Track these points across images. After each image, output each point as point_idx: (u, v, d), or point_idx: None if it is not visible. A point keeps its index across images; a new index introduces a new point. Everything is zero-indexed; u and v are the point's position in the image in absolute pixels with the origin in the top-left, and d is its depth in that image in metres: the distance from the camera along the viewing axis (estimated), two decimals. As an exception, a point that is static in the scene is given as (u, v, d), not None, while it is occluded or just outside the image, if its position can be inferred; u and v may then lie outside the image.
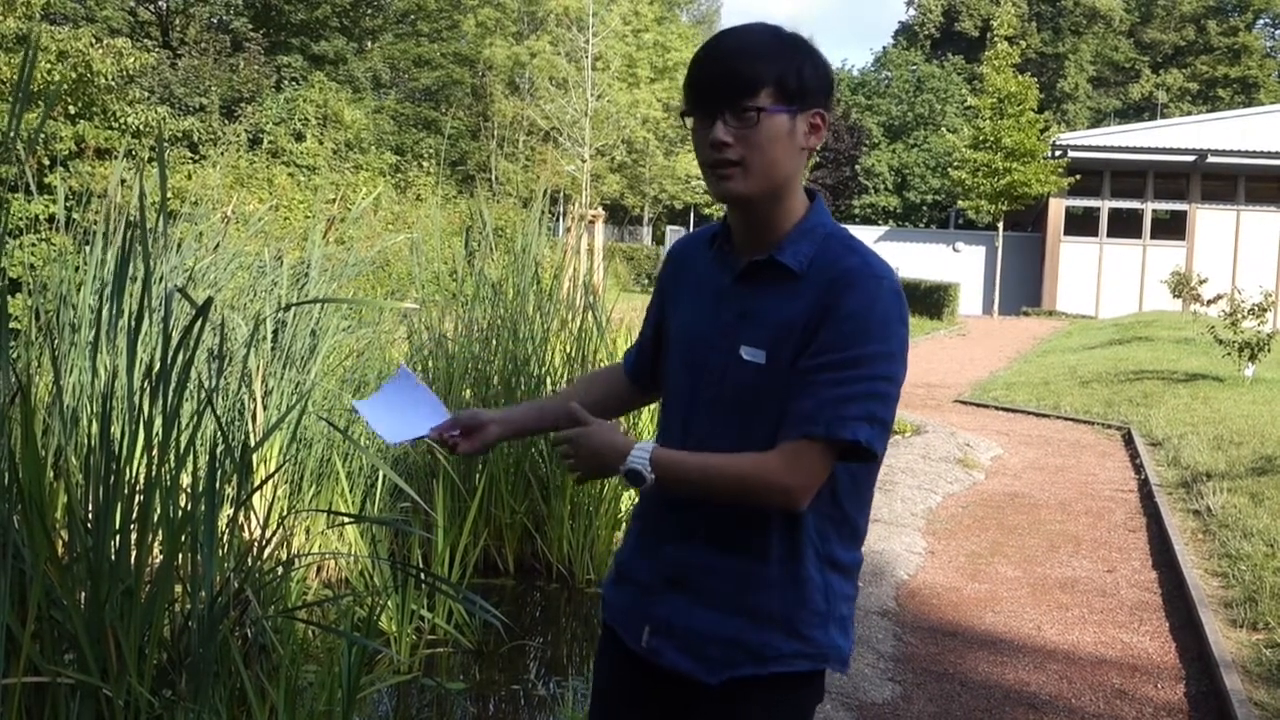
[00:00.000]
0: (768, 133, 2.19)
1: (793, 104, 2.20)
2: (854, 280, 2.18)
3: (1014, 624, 6.31)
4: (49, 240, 12.08)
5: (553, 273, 7.99)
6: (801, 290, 2.22)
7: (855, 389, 2.15)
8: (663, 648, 2.35)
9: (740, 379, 2.26)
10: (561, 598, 6.85)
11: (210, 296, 4.03)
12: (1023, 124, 38.40)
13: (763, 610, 2.27)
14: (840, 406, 2.14)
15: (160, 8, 43.96)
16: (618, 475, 2.27)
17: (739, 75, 2.18)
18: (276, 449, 6.21)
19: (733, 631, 2.29)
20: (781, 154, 2.21)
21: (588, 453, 2.29)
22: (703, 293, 2.38)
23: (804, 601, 2.28)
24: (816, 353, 2.16)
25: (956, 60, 65.63)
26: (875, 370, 2.16)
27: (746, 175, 2.22)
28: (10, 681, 3.34)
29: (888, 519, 8.32)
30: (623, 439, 2.28)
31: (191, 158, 20.22)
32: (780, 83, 2.18)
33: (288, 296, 6.96)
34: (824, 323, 2.16)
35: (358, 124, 29.62)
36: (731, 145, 2.20)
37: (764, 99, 2.17)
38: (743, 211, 2.31)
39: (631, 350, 2.70)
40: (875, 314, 2.16)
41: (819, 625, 2.30)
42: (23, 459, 3.50)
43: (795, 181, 2.28)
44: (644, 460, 2.22)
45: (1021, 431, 13.37)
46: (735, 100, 2.19)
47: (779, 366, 2.21)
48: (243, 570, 4.24)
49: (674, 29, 49.25)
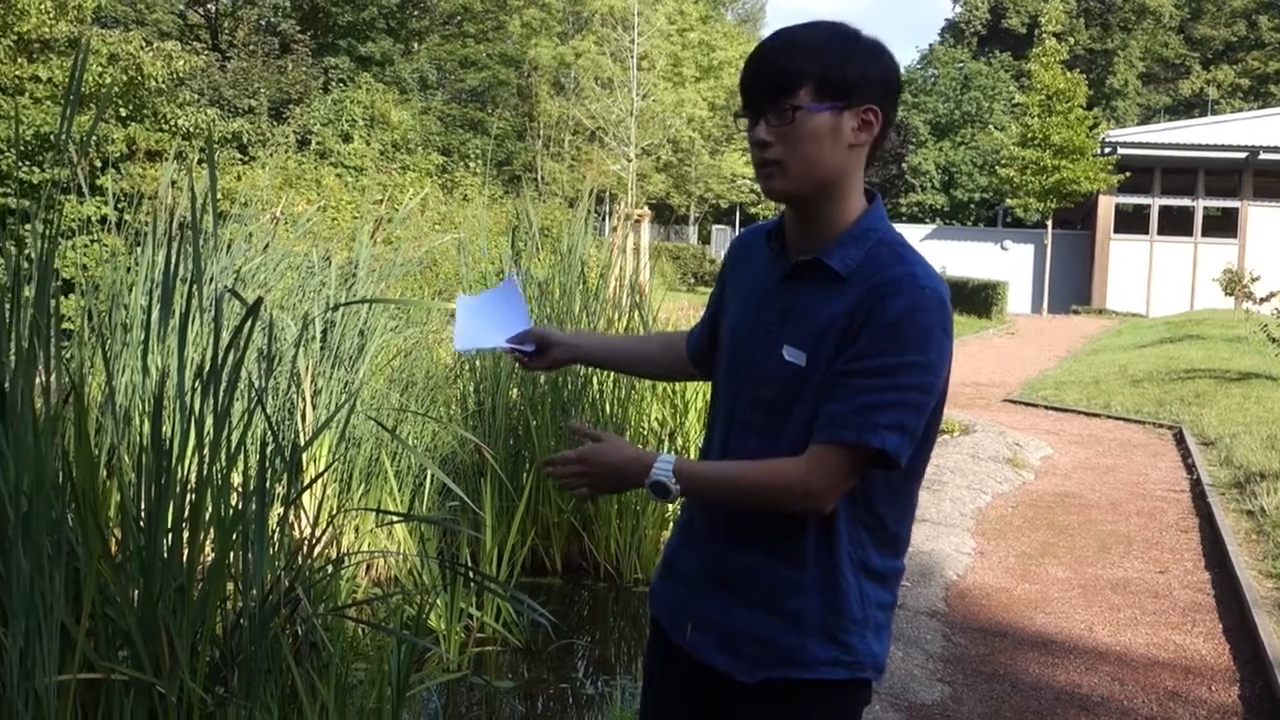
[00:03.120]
0: (807, 131, 2.17)
1: (837, 100, 2.17)
2: (898, 287, 2.14)
3: (1065, 625, 6.26)
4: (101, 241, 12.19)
5: (599, 272, 7.99)
6: (845, 293, 2.19)
7: (888, 397, 2.12)
8: (702, 644, 2.36)
9: (780, 378, 2.24)
10: (609, 597, 6.85)
11: (260, 297, 4.06)
12: (1071, 121, 38.08)
13: (799, 614, 2.26)
14: (872, 413, 2.12)
15: (209, 11, 44.32)
16: (642, 488, 2.26)
17: (778, 73, 2.18)
18: (326, 448, 6.24)
19: (769, 633, 2.28)
20: (824, 153, 2.19)
21: (606, 469, 2.28)
22: (754, 288, 2.37)
23: (840, 608, 2.26)
24: (853, 358, 2.14)
25: (1004, 57, 65.14)
26: (910, 380, 2.13)
27: (785, 174, 2.21)
28: (65, 678, 3.38)
29: (936, 519, 8.27)
30: (643, 452, 2.27)
31: (241, 159, 20.37)
32: (822, 79, 2.15)
33: (336, 297, 7.00)
34: (864, 328, 2.14)
35: (404, 125, 29.74)
36: (771, 144, 2.20)
37: (803, 97, 2.15)
38: (795, 209, 2.30)
39: (694, 331, 2.70)
40: (916, 323, 2.13)
41: (856, 632, 2.28)
42: (76, 458, 3.54)
43: (849, 180, 2.25)
44: (668, 473, 2.22)
45: (1071, 431, 13.26)
46: (774, 98, 2.18)
47: (818, 368, 2.19)
48: (293, 568, 4.26)
49: (719, 28, 49.14)
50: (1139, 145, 39.81)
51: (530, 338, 2.69)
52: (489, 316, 2.71)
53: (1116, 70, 65.91)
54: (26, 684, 3.32)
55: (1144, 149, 39.61)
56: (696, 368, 2.71)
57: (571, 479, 2.32)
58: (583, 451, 2.29)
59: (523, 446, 7.01)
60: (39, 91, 15.87)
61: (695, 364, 2.70)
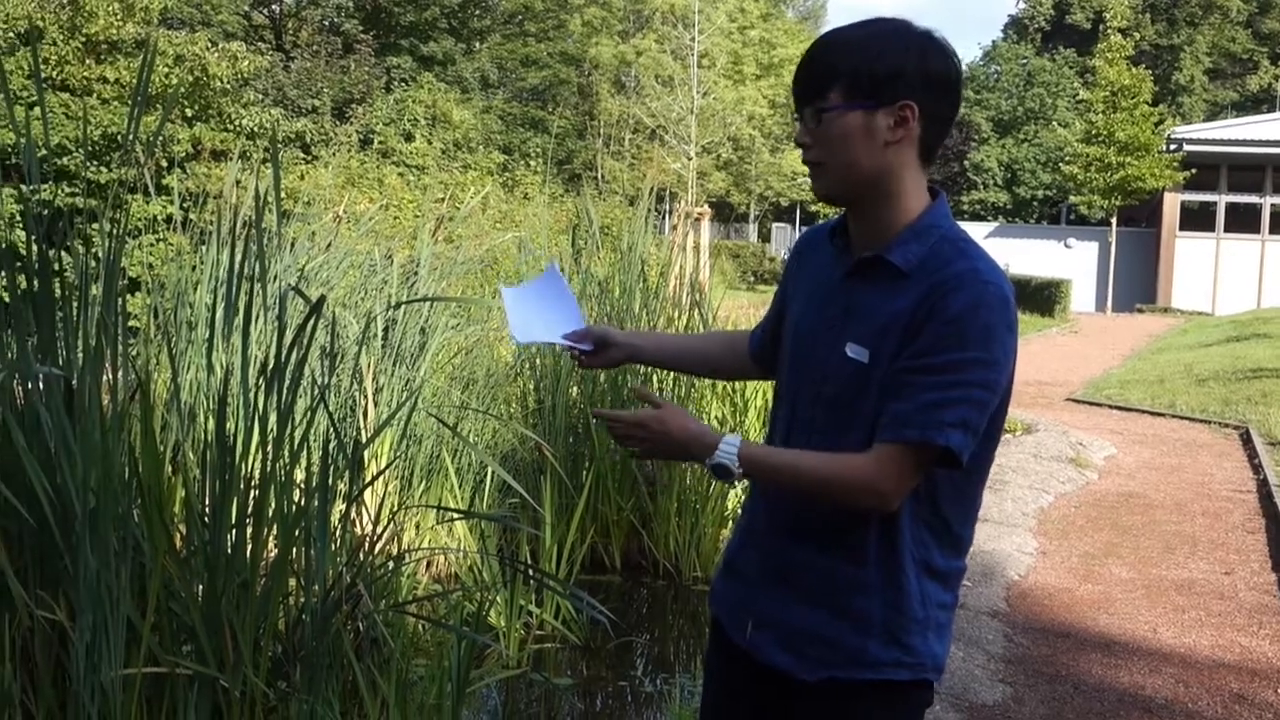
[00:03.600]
0: (838, 132, 2.17)
1: (867, 99, 2.15)
2: (960, 283, 2.12)
3: (1128, 626, 6.20)
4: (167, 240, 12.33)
5: (659, 270, 7.99)
6: (907, 290, 2.17)
7: (952, 394, 2.10)
8: (763, 643, 2.35)
9: (843, 375, 2.23)
10: (668, 595, 6.85)
11: (323, 295, 4.09)
12: (1136, 117, 37.64)
13: (861, 614, 2.25)
14: (935, 411, 2.10)
15: (274, 11, 44.71)
16: (700, 465, 2.27)
17: (811, 74, 2.19)
18: (387, 445, 6.28)
19: (831, 632, 2.27)
20: (858, 153, 2.18)
21: (664, 438, 2.28)
22: (817, 286, 2.37)
23: (902, 608, 2.25)
24: (915, 355, 2.13)
25: (1068, 53, 64.50)
26: (973, 376, 2.11)
27: (825, 175, 2.22)
28: (131, 671, 3.42)
29: (998, 519, 8.22)
30: (708, 431, 2.27)
31: (304, 158, 20.55)
32: (851, 78, 2.15)
33: (398, 295, 7.04)
34: (926, 324, 2.12)
35: (466, 124, 29.88)
36: (810, 146, 2.21)
37: (832, 97, 2.16)
38: (849, 208, 2.30)
39: (757, 330, 2.68)
40: (979, 319, 2.11)
41: (918, 633, 2.28)
42: (142, 454, 3.58)
43: (898, 178, 2.22)
44: (732, 455, 2.21)
45: (1136, 430, 13.13)
46: (809, 100, 2.20)
47: (880, 365, 2.18)
48: (355, 565, 4.29)
49: (780, 25, 49.06)
50: (1205, 142, 39.25)
51: (589, 337, 2.68)
52: (539, 308, 2.71)
53: (1183, 66, 65.11)
54: (93, 677, 3.37)
55: (1210, 145, 39.06)
56: (759, 366, 2.70)
57: (626, 438, 2.33)
58: (643, 415, 2.29)
59: (582, 444, 7.03)
60: (106, 92, 16.07)
61: (757, 363, 2.69)
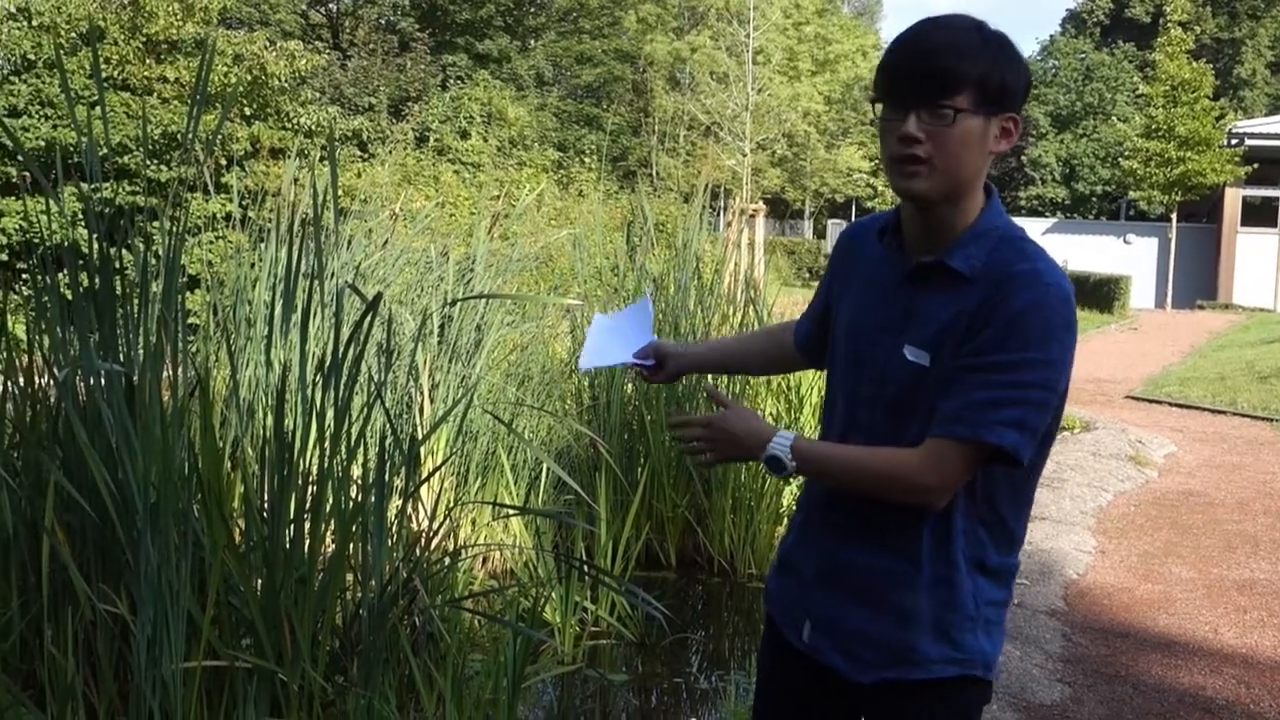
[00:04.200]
0: (961, 135, 2.13)
1: (991, 107, 2.14)
2: (1021, 284, 2.12)
3: (1189, 626, 6.13)
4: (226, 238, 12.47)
5: (714, 267, 7.98)
6: (969, 293, 2.17)
7: (1007, 394, 2.10)
8: (820, 645, 2.35)
9: (901, 378, 2.22)
10: (723, 592, 6.85)
11: (379, 292, 4.12)
12: (1197, 112, 37.19)
13: (912, 612, 2.25)
14: (989, 410, 2.10)
15: (331, 10, 45.00)
16: (756, 461, 2.28)
17: (942, 73, 2.12)
18: (443, 441, 6.31)
19: (882, 632, 2.27)
20: (971, 157, 2.16)
21: (727, 437, 2.30)
22: (871, 287, 2.34)
23: (954, 605, 2.25)
24: (973, 353, 2.13)
25: (1127, 47, 63.78)
26: (1030, 376, 2.10)
27: (932, 175, 2.16)
28: (191, 665, 3.46)
29: (1056, 517, 8.15)
30: (765, 425, 2.29)
31: (361, 156, 20.67)
32: (982, 85, 2.12)
33: (453, 292, 7.07)
34: (986, 324, 2.11)
35: (521, 121, 29.98)
36: (922, 142, 2.14)
37: (962, 100, 2.11)
38: (920, 209, 2.25)
39: (802, 321, 2.68)
40: (1038, 319, 2.10)
41: (968, 630, 2.27)
42: (202, 450, 3.62)
43: (977, 183, 2.23)
44: (785, 449, 2.23)
45: (1196, 428, 12.98)
46: (933, 98, 2.12)
47: (941, 368, 2.17)
48: (411, 560, 4.32)
49: (835, 21, 48.88)
50: (1267, 136, 38.68)
51: (650, 351, 2.74)
52: (619, 333, 2.78)
53: (1244, 59, 64.25)
54: (153, 670, 3.41)
55: (1272, 140, 38.48)
56: (805, 357, 2.71)
57: (696, 444, 2.35)
58: (710, 417, 2.32)
59: (637, 441, 7.03)
60: (166, 91, 16.23)
61: (804, 354, 2.70)
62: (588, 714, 5.33)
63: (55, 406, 3.82)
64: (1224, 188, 38.60)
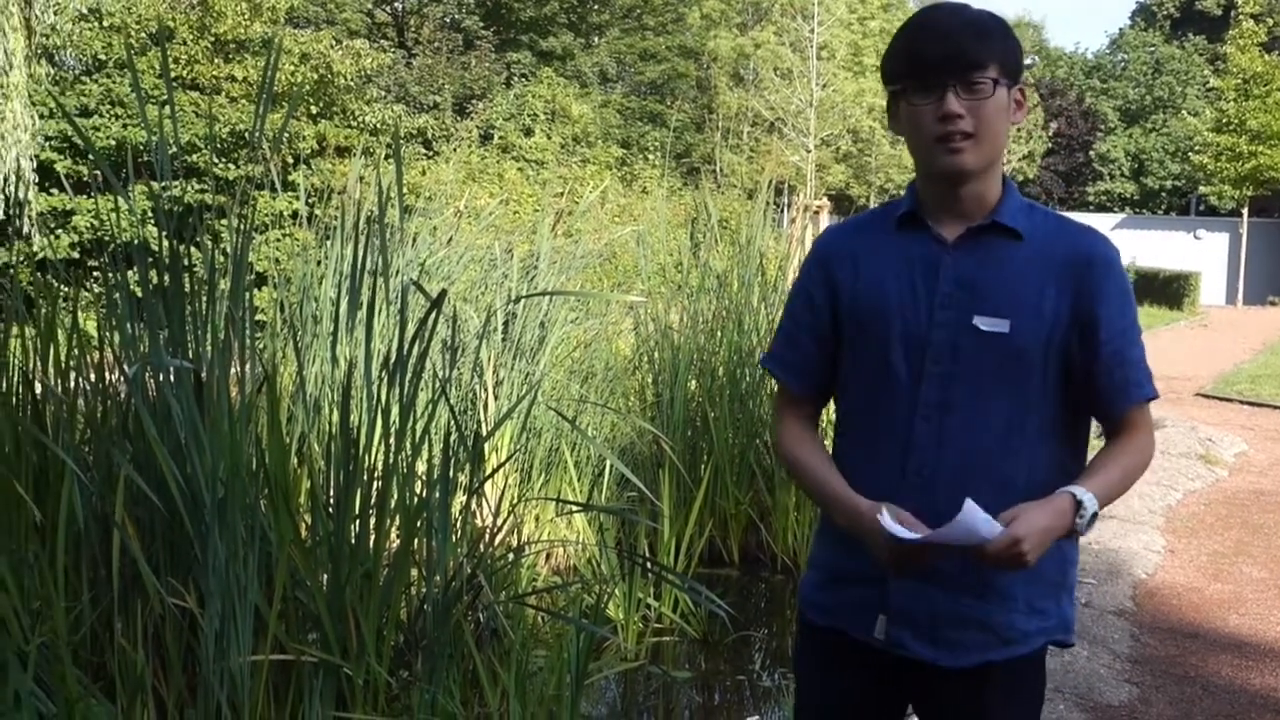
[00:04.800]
0: (996, 105, 2.21)
1: (1011, 79, 2.24)
2: (1099, 249, 2.28)
3: (1260, 627, 6.05)
4: (292, 235, 12.58)
5: (777, 264, 7.95)
6: (1030, 256, 2.26)
7: (1141, 349, 2.30)
8: (902, 637, 2.32)
9: (977, 349, 2.24)
10: (786, 589, 6.82)
11: (444, 289, 4.14)
12: (1270, 105, 36.68)
13: (1005, 590, 2.27)
14: (1145, 366, 2.30)
15: (396, 9, 45.25)
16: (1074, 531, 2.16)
17: (972, 49, 2.20)
18: (507, 438, 6.33)
19: (979, 614, 2.28)
20: (1004, 126, 2.25)
21: (1041, 536, 2.10)
22: (898, 269, 2.32)
23: (1041, 576, 2.27)
24: (1109, 326, 2.25)
25: (1198, 40, 62.94)
26: (1139, 328, 2.33)
27: (977, 147, 2.22)
28: (259, 658, 3.49)
29: (1124, 516, 8.06)
30: (1050, 500, 2.15)
31: (426, 154, 20.79)
32: (1004, 59, 2.22)
33: (517, 289, 7.10)
34: (1098, 301, 2.25)
35: (585, 118, 30.04)
36: (964, 117, 2.20)
37: (993, 72, 2.20)
38: (959, 185, 2.27)
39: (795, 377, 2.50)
40: (1125, 277, 2.30)
41: (1053, 597, 2.33)
42: (269, 445, 3.65)
43: (1002, 156, 2.34)
44: (1093, 500, 2.16)
45: (1268, 427, 12.80)
46: (968, 73, 2.19)
47: (1026, 333, 2.23)
48: (475, 556, 4.33)
49: (900, 15, 48.52)
50: (1341, 129, 38.10)
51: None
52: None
53: (1318, 52, 63.31)
54: (221, 663, 3.44)
55: (1346, 133, 37.90)
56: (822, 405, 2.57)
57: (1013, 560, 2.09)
58: (1014, 529, 2.07)
59: (700, 438, 7.03)
60: (234, 90, 16.41)
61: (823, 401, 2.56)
62: (651, 710, 5.34)
63: (125, 402, 3.87)
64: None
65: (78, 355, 3.95)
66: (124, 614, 3.55)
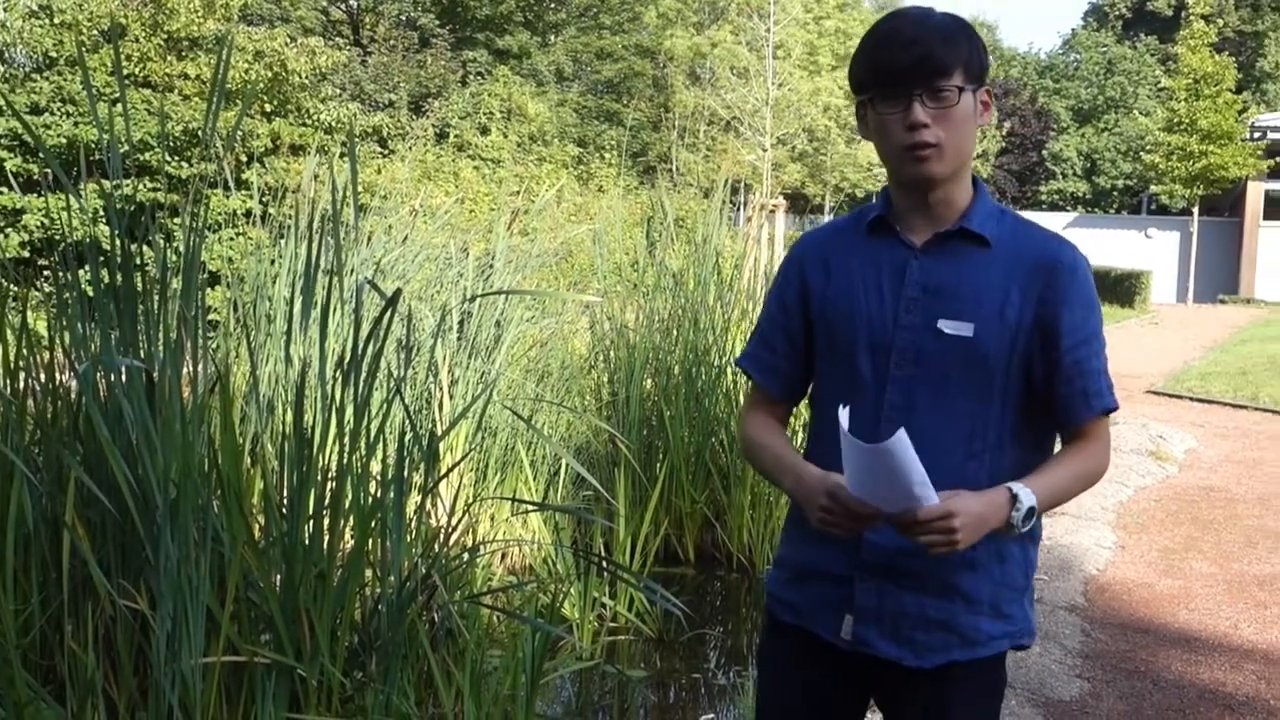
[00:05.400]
0: (962, 112, 2.22)
1: (976, 84, 2.25)
2: (1066, 257, 2.28)
3: (1209, 622, 6.11)
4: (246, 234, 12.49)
5: (734, 262, 7.97)
6: (995, 261, 2.27)
7: (1103, 359, 2.30)
8: (869, 636, 2.34)
9: (940, 352, 2.25)
10: (742, 587, 6.84)
11: (399, 288, 4.12)
12: (1220, 105, 37.00)
13: (972, 593, 2.29)
14: (1106, 377, 2.30)
15: (351, 6, 45.03)
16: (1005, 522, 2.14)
17: (937, 57, 2.20)
18: (462, 437, 6.32)
19: (944, 615, 2.30)
20: (971, 131, 2.26)
21: (975, 515, 2.10)
22: (867, 274, 2.35)
23: (1006, 580, 2.32)
24: (1070, 334, 2.25)
25: (1149, 41, 63.46)
26: (1103, 338, 2.32)
27: (944, 155, 2.23)
28: (210, 660, 3.47)
29: (1076, 512, 8.12)
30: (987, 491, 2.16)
31: (380, 153, 20.70)
32: (968, 63, 2.22)
33: (473, 288, 7.08)
34: (1060, 306, 2.25)
35: (541, 117, 30.03)
36: (930, 126, 2.21)
37: (958, 79, 2.21)
38: (928, 192, 2.29)
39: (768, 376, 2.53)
40: (1091, 285, 2.30)
41: (1017, 601, 2.36)
42: (221, 446, 3.63)
43: (971, 160, 2.33)
44: (1031, 495, 2.16)
45: (1217, 423, 12.93)
46: (934, 81, 2.20)
47: (988, 337, 2.24)
48: (430, 556, 4.32)
49: (856, 15, 48.64)
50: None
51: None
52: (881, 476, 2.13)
53: (1267, 52, 63.86)
54: (173, 665, 3.42)
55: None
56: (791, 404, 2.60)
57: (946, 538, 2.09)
58: (948, 506, 2.07)
59: (656, 437, 7.04)
60: (188, 88, 16.27)
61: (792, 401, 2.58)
62: (606, 709, 5.34)
63: (76, 402, 3.84)
64: (1246, 182, 38.43)
65: (27, 355, 3.92)
66: (74, 616, 3.52)
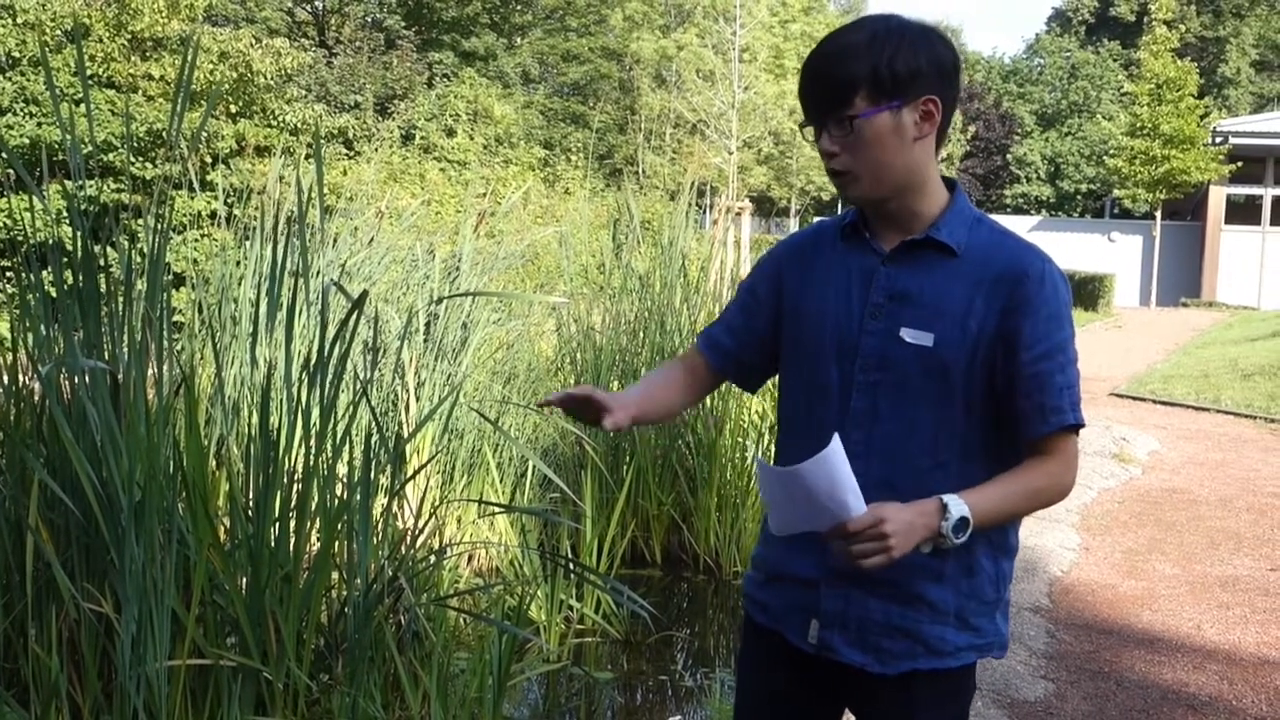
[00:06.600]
0: (869, 137, 2.18)
1: (893, 99, 2.16)
2: (1033, 267, 2.21)
3: (1172, 623, 6.16)
4: (211, 236, 12.42)
5: (700, 265, 7.98)
6: (960, 271, 2.23)
7: (1069, 375, 2.21)
8: (833, 641, 2.33)
9: (902, 360, 2.24)
10: (708, 589, 6.85)
11: (365, 290, 4.12)
12: (1182, 110, 37.33)
13: (938, 603, 2.28)
14: (1070, 393, 2.21)
15: (317, 8, 44.89)
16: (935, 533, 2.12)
17: (832, 83, 2.18)
18: (429, 439, 6.31)
19: (908, 624, 2.28)
20: (891, 155, 2.19)
21: (903, 524, 2.09)
22: (839, 276, 2.35)
23: (975, 592, 2.30)
24: (1031, 346, 2.19)
25: (1112, 46, 63.95)
26: (1071, 351, 2.23)
27: (859, 181, 2.22)
28: (175, 663, 3.46)
29: (1041, 514, 8.16)
30: (918, 501, 2.14)
31: (347, 154, 20.63)
32: (873, 81, 2.15)
33: (439, 290, 7.07)
34: (1024, 316, 2.19)
35: (507, 119, 29.98)
36: (838, 154, 2.20)
37: (858, 104, 2.16)
38: (876, 208, 2.30)
39: (717, 341, 2.56)
40: (1060, 297, 2.21)
41: (987, 614, 2.33)
42: (187, 448, 3.62)
43: (925, 172, 2.25)
44: (964, 505, 2.13)
45: (1180, 426, 13.03)
46: (831, 110, 2.19)
47: (949, 347, 2.21)
48: (396, 558, 4.31)
49: (821, 19, 48.79)
50: (1251, 135, 38.76)
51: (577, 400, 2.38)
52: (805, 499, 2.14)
53: (1229, 58, 64.43)
54: (138, 669, 3.40)
55: (1257, 138, 38.56)
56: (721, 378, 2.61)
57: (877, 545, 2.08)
58: (877, 514, 2.07)
59: (623, 439, 7.03)
60: (152, 89, 16.18)
61: (721, 374, 2.59)
62: (573, 712, 5.34)
63: (39, 404, 3.81)
64: (1208, 186, 38.77)
65: (-10, 357, 3.89)
66: (38, 620, 3.50)
